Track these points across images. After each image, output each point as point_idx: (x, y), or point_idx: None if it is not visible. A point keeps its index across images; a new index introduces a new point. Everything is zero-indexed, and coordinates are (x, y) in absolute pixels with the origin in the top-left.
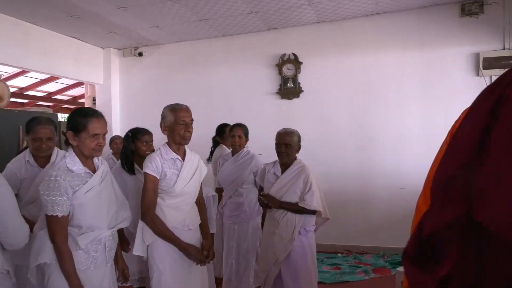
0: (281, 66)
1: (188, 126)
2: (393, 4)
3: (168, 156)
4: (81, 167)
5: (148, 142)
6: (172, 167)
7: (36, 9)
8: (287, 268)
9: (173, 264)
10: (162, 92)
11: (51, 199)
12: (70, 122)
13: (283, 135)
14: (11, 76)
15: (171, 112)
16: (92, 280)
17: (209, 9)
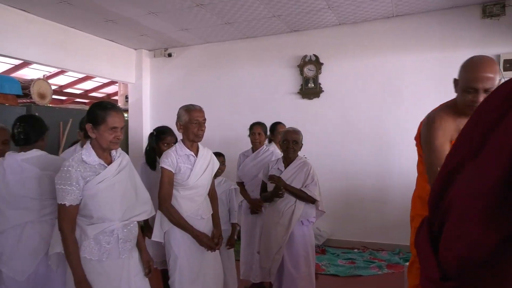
0: (302, 67)
1: (201, 125)
2: (413, 6)
3: (182, 152)
4: (96, 159)
5: (169, 144)
6: (186, 162)
7: (77, 15)
8: (290, 256)
9: (188, 249)
10: (189, 91)
11: (62, 188)
12: (89, 115)
13: (291, 133)
14: (52, 75)
15: (186, 112)
16: (108, 272)
17: (234, 13)
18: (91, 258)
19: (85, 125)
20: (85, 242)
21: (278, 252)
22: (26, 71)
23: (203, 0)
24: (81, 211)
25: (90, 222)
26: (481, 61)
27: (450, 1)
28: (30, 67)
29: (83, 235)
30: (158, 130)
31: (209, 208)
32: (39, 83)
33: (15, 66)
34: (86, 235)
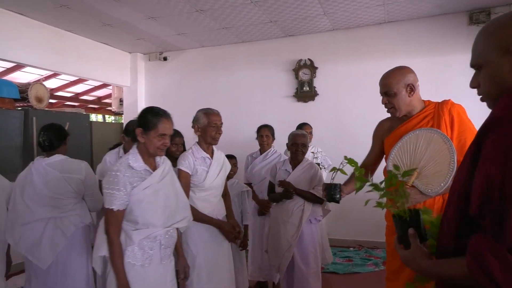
0: (297, 71)
1: (219, 128)
2: (404, 13)
3: (199, 154)
4: (142, 164)
5: (177, 144)
6: (202, 164)
7: (74, 19)
8: (300, 254)
9: (205, 249)
10: (185, 95)
11: (110, 192)
12: (141, 120)
13: (301, 136)
14: (44, 78)
15: (205, 115)
16: (149, 277)
17: (232, 19)
18: (135, 263)
19: (133, 129)
20: (130, 247)
21: (289, 250)
22: (18, 74)
23: (203, 6)
24: (126, 216)
25: (135, 227)
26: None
27: (439, 8)
28: (23, 70)
29: (128, 240)
30: None
31: (223, 208)
32: (36, 86)
33: (7, 69)
34: (131, 240)
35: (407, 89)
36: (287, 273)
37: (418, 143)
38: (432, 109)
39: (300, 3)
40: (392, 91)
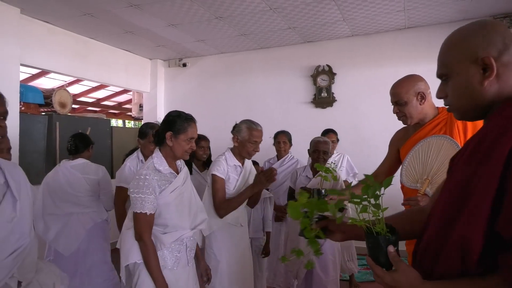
0: (316, 77)
1: (257, 146)
2: (425, 18)
3: (232, 162)
4: (167, 168)
5: (204, 147)
6: (233, 172)
7: (98, 27)
8: (319, 261)
9: (228, 254)
10: (203, 100)
11: (141, 197)
12: (170, 124)
13: (323, 143)
14: (67, 84)
15: (247, 129)
16: (179, 280)
17: (251, 26)
18: (165, 266)
19: (153, 133)
20: (160, 251)
21: (307, 257)
22: (43, 80)
23: (223, 13)
24: (156, 220)
25: (164, 231)
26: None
27: (461, 13)
28: (47, 76)
29: (158, 243)
30: None
31: (246, 215)
32: (60, 92)
33: (32, 75)
34: (162, 243)
35: (417, 97)
36: (305, 280)
37: (429, 151)
38: (445, 115)
39: (319, 10)
40: (403, 100)
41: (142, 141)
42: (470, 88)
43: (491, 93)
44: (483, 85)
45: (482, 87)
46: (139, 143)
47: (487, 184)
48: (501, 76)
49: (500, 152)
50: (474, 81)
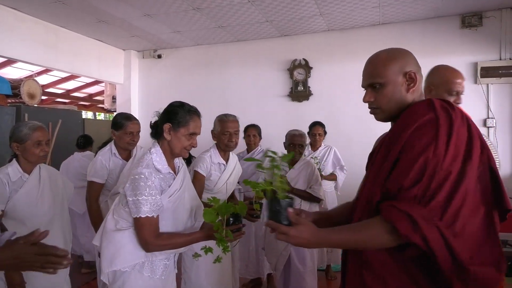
0: (292, 71)
1: (232, 136)
2: (398, 15)
3: (216, 160)
4: (166, 167)
5: None
6: (217, 170)
7: (70, 15)
8: (296, 253)
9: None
10: (179, 93)
11: (144, 199)
12: (169, 114)
13: (298, 137)
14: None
15: (219, 122)
16: (166, 286)
17: (228, 18)
18: (154, 276)
19: (152, 123)
20: (150, 261)
21: (286, 249)
22: (9, 69)
23: (200, 4)
24: None
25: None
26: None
27: (432, 11)
28: (14, 65)
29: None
30: None
31: None
32: (29, 83)
33: None
34: (158, 254)
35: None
36: (283, 272)
37: None
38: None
39: (297, 3)
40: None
41: (117, 133)
42: (398, 94)
43: (410, 99)
44: (408, 92)
45: (407, 94)
46: (113, 135)
47: (390, 160)
48: (417, 87)
49: (402, 137)
50: (402, 89)
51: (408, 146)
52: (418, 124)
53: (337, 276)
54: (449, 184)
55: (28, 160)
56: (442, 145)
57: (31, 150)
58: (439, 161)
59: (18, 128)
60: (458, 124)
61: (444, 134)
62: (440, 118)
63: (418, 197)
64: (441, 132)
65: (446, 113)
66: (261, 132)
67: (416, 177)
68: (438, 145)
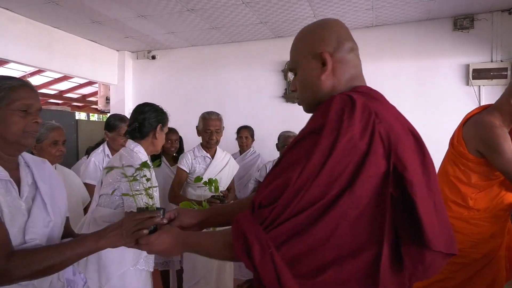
0: (286, 72)
1: (212, 134)
2: (392, 17)
3: (200, 153)
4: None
5: (172, 140)
6: (201, 163)
7: (63, 16)
8: None
9: None
10: (173, 93)
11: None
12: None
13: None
14: (27, 75)
15: (202, 120)
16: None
17: (223, 19)
18: (148, 269)
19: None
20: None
21: None
22: (1, 70)
23: (194, 5)
24: None
25: None
26: None
27: (425, 13)
28: (5, 66)
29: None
30: None
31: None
32: None
33: None
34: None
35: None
36: None
37: None
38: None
39: (291, 5)
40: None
41: (111, 134)
42: (310, 81)
43: (328, 87)
44: (320, 78)
45: (320, 81)
46: (107, 136)
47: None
48: (336, 71)
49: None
50: (314, 74)
51: (281, 156)
52: (302, 132)
53: None
54: (305, 216)
55: None
56: (314, 166)
57: (48, 150)
58: (303, 186)
59: None
60: (349, 138)
61: (321, 150)
62: (325, 128)
63: (269, 219)
64: (319, 148)
65: (338, 120)
66: (255, 133)
67: (271, 197)
68: (307, 165)
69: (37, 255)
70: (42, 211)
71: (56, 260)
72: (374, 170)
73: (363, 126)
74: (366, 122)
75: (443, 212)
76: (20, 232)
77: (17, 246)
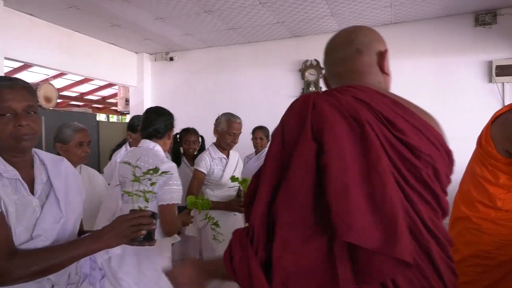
0: (304, 71)
1: (236, 137)
2: (410, 14)
3: (216, 155)
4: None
5: (189, 141)
6: (219, 164)
7: (83, 19)
8: None
9: (225, 242)
10: (190, 94)
11: (175, 188)
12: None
13: None
14: (50, 78)
15: (226, 122)
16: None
17: (240, 20)
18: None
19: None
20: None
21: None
22: (25, 74)
23: (212, 7)
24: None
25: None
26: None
27: (444, 10)
28: (29, 70)
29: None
30: (182, 130)
31: None
32: (45, 86)
33: (14, 69)
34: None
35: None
36: None
37: None
38: None
39: (308, 4)
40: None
41: (134, 135)
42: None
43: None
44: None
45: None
46: (130, 137)
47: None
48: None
49: None
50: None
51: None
52: None
53: None
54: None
55: (70, 160)
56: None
57: (74, 151)
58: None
59: (62, 129)
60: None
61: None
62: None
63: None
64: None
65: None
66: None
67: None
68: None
69: (37, 256)
70: (55, 207)
71: (56, 261)
72: (306, 151)
73: (300, 115)
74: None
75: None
76: (28, 229)
77: (23, 242)
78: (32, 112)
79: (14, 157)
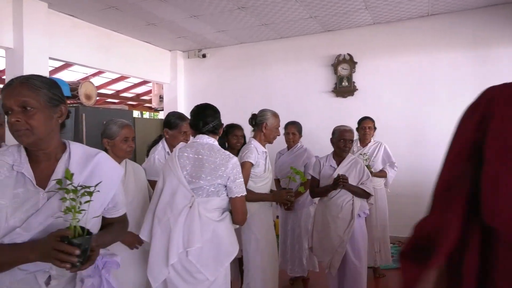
0: (336, 66)
1: (279, 133)
2: (448, 5)
3: (260, 149)
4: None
5: (237, 136)
6: (262, 158)
7: (121, 19)
8: (352, 248)
9: (266, 233)
10: (223, 90)
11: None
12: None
13: (349, 132)
14: (89, 77)
15: (274, 116)
16: None
17: (272, 15)
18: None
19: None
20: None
21: (341, 246)
22: (65, 73)
23: (245, 3)
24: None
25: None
26: None
27: (483, 0)
28: (70, 69)
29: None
30: (228, 126)
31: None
32: (86, 84)
33: (55, 68)
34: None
35: None
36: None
37: None
38: None
39: None
40: None
41: (171, 132)
42: None
43: None
44: None
45: None
46: (167, 134)
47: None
48: None
49: None
50: None
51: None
52: None
53: (386, 274)
54: None
55: (116, 155)
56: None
57: (119, 146)
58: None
59: (108, 125)
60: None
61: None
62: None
63: None
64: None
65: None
66: (303, 129)
67: None
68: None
69: None
70: (57, 202)
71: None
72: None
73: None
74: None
75: None
76: (21, 220)
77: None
78: (29, 107)
79: (34, 150)
